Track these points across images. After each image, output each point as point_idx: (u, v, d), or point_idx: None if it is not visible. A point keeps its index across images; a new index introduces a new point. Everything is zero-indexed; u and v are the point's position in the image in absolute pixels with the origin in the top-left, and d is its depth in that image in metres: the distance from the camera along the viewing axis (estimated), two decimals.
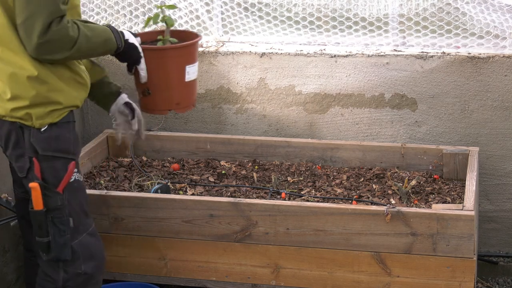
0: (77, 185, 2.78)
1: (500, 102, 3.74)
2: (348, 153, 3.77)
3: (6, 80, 2.64)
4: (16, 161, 2.73)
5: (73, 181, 2.74)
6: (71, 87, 2.73)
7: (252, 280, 3.28)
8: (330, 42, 3.95)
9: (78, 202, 2.78)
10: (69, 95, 2.72)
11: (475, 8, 3.68)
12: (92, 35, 2.69)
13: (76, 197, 2.77)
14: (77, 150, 2.81)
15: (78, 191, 2.79)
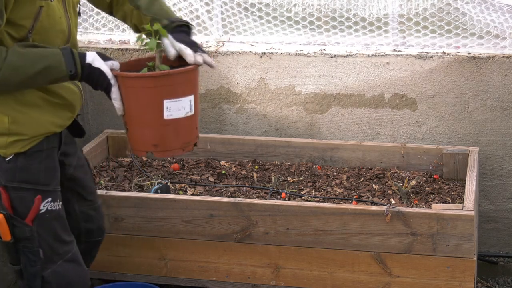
0: (49, 215, 2.58)
1: (500, 102, 3.74)
2: (348, 153, 3.77)
3: None
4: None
5: (44, 212, 2.55)
6: (43, 112, 2.50)
7: (252, 280, 3.28)
8: (330, 42, 3.95)
9: (51, 233, 2.60)
10: (38, 123, 2.49)
11: (475, 8, 3.68)
12: (25, 64, 2.34)
13: (48, 228, 2.58)
14: (50, 180, 2.58)
15: (51, 221, 2.59)
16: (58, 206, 2.61)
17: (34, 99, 2.47)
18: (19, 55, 2.34)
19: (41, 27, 2.43)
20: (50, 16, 2.46)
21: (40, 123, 2.49)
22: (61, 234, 2.63)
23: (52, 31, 2.48)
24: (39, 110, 2.49)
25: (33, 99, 2.47)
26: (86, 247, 2.90)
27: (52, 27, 2.47)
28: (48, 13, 2.45)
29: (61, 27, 2.52)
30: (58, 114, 2.55)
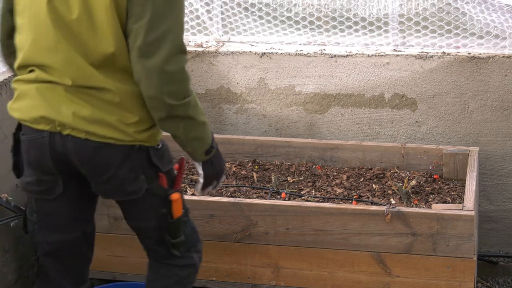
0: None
1: (500, 102, 3.74)
2: (348, 153, 3.77)
3: (131, 104, 2.44)
4: (122, 186, 2.54)
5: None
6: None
7: (252, 280, 3.28)
8: (330, 42, 3.95)
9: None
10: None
11: (475, 8, 3.68)
12: (199, 108, 2.47)
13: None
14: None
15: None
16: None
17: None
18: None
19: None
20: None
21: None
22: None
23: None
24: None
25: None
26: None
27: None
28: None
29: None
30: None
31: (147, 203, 2.59)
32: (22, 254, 3.53)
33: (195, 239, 2.75)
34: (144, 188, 2.54)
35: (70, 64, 2.40)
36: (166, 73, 2.34)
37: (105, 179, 2.51)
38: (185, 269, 2.74)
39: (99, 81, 2.40)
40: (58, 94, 2.43)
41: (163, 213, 2.60)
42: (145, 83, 2.36)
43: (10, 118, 3.43)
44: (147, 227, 2.65)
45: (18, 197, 3.45)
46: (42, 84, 2.45)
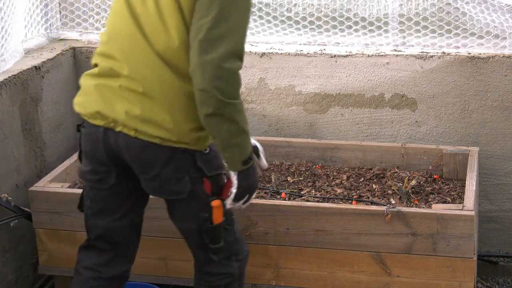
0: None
1: (500, 102, 3.74)
2: (348, 153, 3.77)
3: (181, 100, 2.52)
4: (167, 185, 2.62)
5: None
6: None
7: (252, 280, 3.28)
8: (330, 42, 3.95)
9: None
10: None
11: (475, 8, 3.68)
12: (245, 117, 2.53)
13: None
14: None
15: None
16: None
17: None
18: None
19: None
20: None
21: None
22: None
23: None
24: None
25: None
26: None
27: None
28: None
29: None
30: None
31: (189, 205, 2.67)
32: (22, 254, 3.54)
33: (237, 249, 2.80)
34: (187, 190, 2.62)
35: (135, 54, 2.52)
36: (221, 69, 2.41)
37: (152, 177, 2.61)
38: (222, 278, 2.80)
39: (157, 71, 2.50)
40: (113, 92, 2.56)
41: (204, 218, 2.66)
42: (199, 75, 2.42)
43: (10, 118, 3.45)
44: (188, 229, 2.74)
45: (18, 197, 3.46)
46: (101, 81, 2.59)
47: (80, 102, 2.67)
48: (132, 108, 2.53)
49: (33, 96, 3.62)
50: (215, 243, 2.71)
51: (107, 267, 2.83)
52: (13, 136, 3.46)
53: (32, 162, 3.62)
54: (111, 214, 2.76)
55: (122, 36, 2.56)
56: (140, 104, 2.52)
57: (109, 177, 2.69)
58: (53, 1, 4.14)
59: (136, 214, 2.83)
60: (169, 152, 2.56)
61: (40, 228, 3.37)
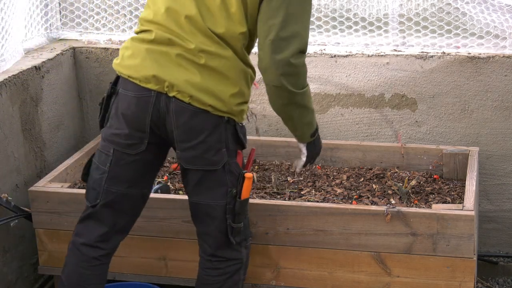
0: None
1: (500, 102, 3.74)
2: (348, 153, 3.77)
3: (236, 75, 2.73)
4: (207, 154, 2.75)
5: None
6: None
7: (252, 280, 3.28)
8: (330, 42, 3.95)
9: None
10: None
11: (475, 8, 3.68)
12: (311, 98, 2.85)
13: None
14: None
15: None
16: None
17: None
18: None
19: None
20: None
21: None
22: None
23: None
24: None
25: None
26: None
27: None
28: None
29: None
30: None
31: (221, 179, 2.79)
32: (22, 254, 3.54)
33: (248, 233, 2.95)
34: (223, 161, 2.76)
35: (196, 32, 2.68)
36: (292, 66, 2.69)
37: (194, 144, 2.73)
38: (233, 264, 2.90)
39: (218, 48, 2.69)
40: (170, 59, 2.69)
41: (233, 194, 2.80)
42: (272, 73, 2.71)
43: (10, 118, 3.45)
44: (216, 206, 2.81)
45: (18, 197, 3.46)
46: (156, 47, 2.70)
47: (130, 64, 2.74)
48: (192, 76, 2.68)
49: (33, 96, 3.62)
50: (238, 222, 2.83)
51: (107, 243, 2.91)
52: (13, 136, 3.46)
53: (32, 162, 3.62)
54: (128, 181, 2.83)
55: (182, 14, 2.69)
56: (199, 73, 2.68)
57: (141, 144, 2.77)
58: (53, 1, 4.14)
59: (147, 186, 2.91)
60: (216, 121, 2.72)
61: (40, 228, 3.37)
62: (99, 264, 2.91)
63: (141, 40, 2.74)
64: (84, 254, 2.88)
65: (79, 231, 2.90)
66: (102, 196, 2.84)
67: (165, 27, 2.70)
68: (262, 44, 2.70)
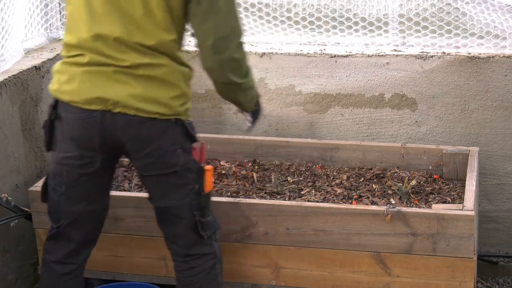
0: None
1: (500, 102, 3.74)
2: (348, 153, 3.77)
3: (175, 78, 2.75)
4: (164, 158, 2.78)
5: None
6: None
7: (252, 280, 3.28)
8: (330, 42, 3.95)
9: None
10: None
11: (475, 8, 3.68)
12: (253, 76, 2.92)
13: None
14: None
15: None
16: None
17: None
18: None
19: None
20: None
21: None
22: None
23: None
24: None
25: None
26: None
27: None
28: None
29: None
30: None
31: (181, 179, 2.82)
32: (22, 254, 3.53)
33: (216, 225, 2.97)
34: (181, 162, 2.79)
35: (126, 47, 2.68)
36: (236, 60, 2.77)
37: (148, 152, 2.76)
38: (208, 260, 2.93)
39: (154, 59, 2.70)
40: (108, 77, 2.70)
41: (195, 190, 2.83)
42: (219, 72, 2.78)
43: (10, 118, 3.45)
44: (182, 205, 2.84)
45: (18, 197, 3.46)
46: (92, 68, 2.70)
47: (69, 90, 2.73)
48: (133, 89, 2.69)
49: (33, 96, 3.62)
50: (205, 216, 2.86)
51: (76, 257, 2.95)
52: (13, 136, 3.46)
53: (32, 162, 3.62)
54: (86, 199, 2.86)
55: (110, 37, 2.67)
56: (139, 84, 2.70)
57: (94, 162, 2.80)
58: (53, 1, 4.14)
59: (106, 196, 2.96)
60: (165, 125, 2.75)
61: (40, 228, 3.37)
62: (71, 278, 2.95)
63: (75, 64, 2.72)
64: (55, 271, 2.93)
65: (48, 248, 2.95)
66: (64, 217, 2.88)
67: (96, 51, 2.69)
68: (202, 47, 2.73)
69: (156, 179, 2.82)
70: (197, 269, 2.91)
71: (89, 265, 3.13)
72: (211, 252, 2.93)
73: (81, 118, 2.73)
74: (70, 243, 2.92)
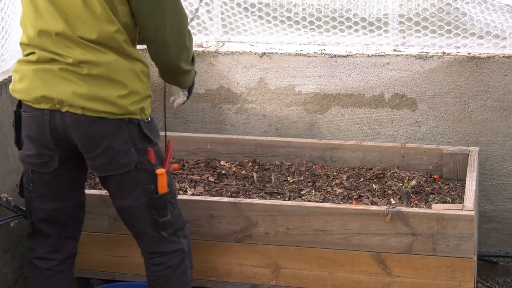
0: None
1: (500, 102, 3.74)
2: (348, 153, 3.77)
3: (122, 76, 2.70)
4: (116, 158, 2.76)
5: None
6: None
7: (252, 280, 3.28)
8: (330, 42, 3.95)
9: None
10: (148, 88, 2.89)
11: (475, 8, 3.68)
12: (192, 60, 2.93)
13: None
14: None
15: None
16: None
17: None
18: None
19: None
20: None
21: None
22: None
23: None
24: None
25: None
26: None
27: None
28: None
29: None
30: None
31: (136, 179, 2.80)
32: (22, 254, 3.53)
33: (182, 222, 2.96)
34: (135, 161, 2.77)
35: (70, 42, 2.66)
36: (188, 49, 2.82)
37: (100, 152, 2.74)
38: (175, 256, 2.93)
39: (98, 55, 2.67)
40: (55, 75, 2.69)
41: (151, 190, 2.81)
42: (173, 64, 2.80)
43: (10, 118, 3.44)
44: (137, 205, 2.83)
45: (18, 197, 3.46)
46: (40, 66, 2.70)
47: (20, 89, 2.76)
48: (78, 87, 2.67)
49: None
50: (162, 216, 2.85)
51: (57, 253, 2.97)
52: (13, 136, 3.45)
53: None
54: (56, 197, 2.88)
55: (52, 32, 2.67)
56: (85, 83, 2.67)
57: (52, 161, 2.80)
58: None
59: (79, 194, 2.96)
60: (117, 124, 2.72)
61: None
62: (53, 274, 2.98)
63: (27, 62, 2.75)
64: (37, 267, 2.98)
65: (29, 245, 3.00)
66: (35, 214, 2.91)
67: (43, 48, 2.69)
68: (154, 42, 2.74)
69: (111, 179, 2.82)
70: (163, 265, 2.92)
71: (89, 265, 3.14)
72: (178, 249, 2.93)
73: (33, 116, 2.76)
74: (48, 239, 2.95)
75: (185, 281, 2.97)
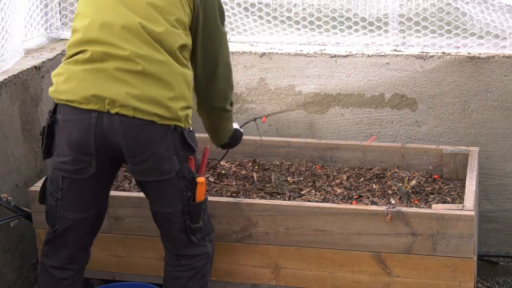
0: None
1: (500, 102, 3.74)
2: (348, 153, 3.77)
3: (173, 78, 2.73)
4: (159, 165, 2.77)
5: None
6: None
7: (252, 280, 3.28)
8: (330, 42, 3.95)
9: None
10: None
11: (475, 8, 3.68)
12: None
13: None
14: None
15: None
16: None
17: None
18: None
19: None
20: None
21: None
22: None
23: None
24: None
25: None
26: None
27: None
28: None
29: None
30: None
31: (176, 186, 2.82)
32: (22, 254, 3.54)
33: (210, 228, 3.00)
34: (176, 168, 2.79)
35: (132, 39, 2.69)
36: (231, 89, 3.06)
37: (145, 157, 2.75)
38: (200, 259, 2.95)
39: (155, 53, 2.70)
40: (108, 75, 2.68)
41: (188, 197, 2.84)
42: (222, 100, 3.03)
43: (10, 118, 3.45)
44: (174, 212, 2.85)
45: (18, 197, 3.46)
46: (92, 65, 2.69)
47: (66, 89, 2.72)
48: (132, 88, 2.67)
49: (33, 96, 3.62)
50: (196, 222, 2.87)
51: (75, 264, 2.95)
52: (13, 136, 3.46)
53: (32, 162, 3.62)
54: (83, 204, 2.86)
55: (117, 23, 2.69)
56: (139, 82, 2.68)
57: (89, 167, 2.78)
58: (53, 1, 4.14)
59: (103, 202, 2.96)
60: (163, 131, 2.74)
61: (40, 228, 3.37)
62: (70, 283, 2.96)
63: (75, 62, 2.72)
64: (53, 276, 2.94)
65: (46, 253, 2.96)
66: (60, 222, 2.88)
67: (99, 42, 2.69)
68: (212, 75, 2.95)
69: (151, 184, 2.83)
70: (187, 267, 2.94)
71: (89, 265, 3.14)
72: (204, 253, 2.95)
73: (77, 119, 2.71)
74: (67, 249, 2.92)
75: (204, 284, 2.98)
